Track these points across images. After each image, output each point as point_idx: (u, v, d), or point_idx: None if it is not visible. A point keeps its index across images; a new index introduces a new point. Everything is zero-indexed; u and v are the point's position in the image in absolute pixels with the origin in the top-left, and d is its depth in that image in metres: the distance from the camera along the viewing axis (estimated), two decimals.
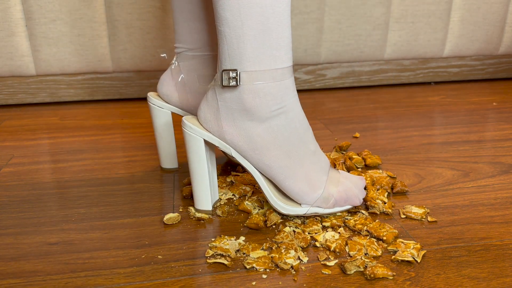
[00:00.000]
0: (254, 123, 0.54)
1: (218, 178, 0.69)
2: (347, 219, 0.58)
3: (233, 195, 0.64)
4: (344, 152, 0.80)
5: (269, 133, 0.54)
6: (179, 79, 0.68)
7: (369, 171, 0.71)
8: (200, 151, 0.57)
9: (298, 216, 0.58)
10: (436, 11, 1.20)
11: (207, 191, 0.59)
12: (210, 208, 0.60)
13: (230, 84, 0.52)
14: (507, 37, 1.27)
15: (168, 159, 0.73)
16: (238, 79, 0.52)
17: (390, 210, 0.60)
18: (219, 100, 0.54)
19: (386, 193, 0.64)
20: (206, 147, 0.57)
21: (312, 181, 0.56)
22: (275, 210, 0.58)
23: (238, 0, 0.50)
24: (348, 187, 0.58)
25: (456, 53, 1.26)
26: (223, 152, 0.74)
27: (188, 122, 0.57)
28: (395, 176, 0.71)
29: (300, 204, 0.57)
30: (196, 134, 0.56)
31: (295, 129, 0.55)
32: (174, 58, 0.69)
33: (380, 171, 0.71)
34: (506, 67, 1.32)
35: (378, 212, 0.60)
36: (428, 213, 0.60)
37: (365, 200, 0.62)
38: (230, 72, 0.52)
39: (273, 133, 0.54)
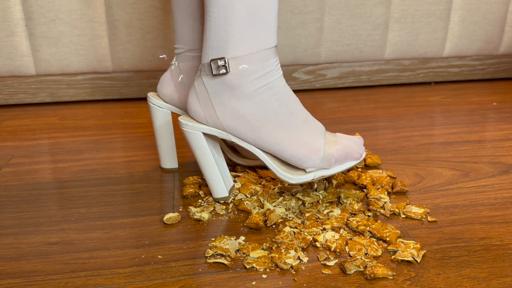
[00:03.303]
0: (243, 102, 0.56)
1: None
2: (349, 220, 0.58)
3: (245, 195, 0.64)
4: None
5: (258, 109, 0.57)
6: (179, 80, 0.68)
7: (369, 171, 0.71)
8: (202, 145, 0.59)
9: (306, 183, 0.61)
10: (436, 11, 1.20)
11: (219, 180, 0.61)
12: (227, 194, 0.62)
13: (220, 72, 0.55)
14: (507, 37, 1.27)
15: (168, 159, 0.73)
16: (228, 66, 0.55)
17: (397, 210, 0.60)
18: (208, 88, 0.57)
19: (386, 192, 0.64)
20: (207, 139, 0.60)
21: (310, 145, 0.58)
22: (283, 182, 0.62)
23: None
24: (345, 145, 0.60)
25: (456, 53, 1.26)
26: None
27: (184, 120, 0.60)
28: (395, 176, 0.71)
29: (305, 170, 0.59)
30: (194, 130, 0.59)
31: (282, 101, 0.58)
32: (174, 59, 0.69)
33: (380, 171, 0.71)
34: (506, 67, 1.32)
35: (388, 215, 0.59)
36: (428, 213, 0.60)
37: (368, 204, 0.62)
38: (218, 61, 0.55)
39: (262, 108, 0.57)
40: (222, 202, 0.63)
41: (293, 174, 0.59)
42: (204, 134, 0.59)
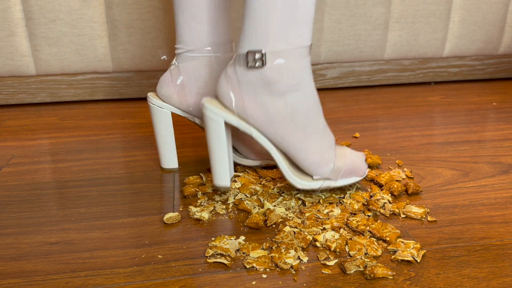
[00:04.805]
0: (274, 98, 0.57)
1: None
2: (349, 220, 0.58)
3: (245, 195, 0.64)
4: None
5: (286, 107, 0.57)
6: (178, 81, 0.68)
7: (391, 172, 0.71)
8: (220, 131, 0.59)
9: (312, 190, 0.62)
10: (436, 11, 1.20)
11: (226, 168, 0.62)
12: (229, 185, 0.63)
13: (256, 65, 0.55)
14: (507, 37, 1.27)
15: (168, 159, 0.74)
16: (264, 60, 0.54)
17: (397, 210, 0.60)
18: (240, 77, 0.56)
19: (389, 193, 0.64)
20: (226, 127, 0.60)
21: (323, 154, 0.60)
22: (290, 185, 0.63)
23: None
24: (353, 161, 0.63)
25: (456, 53, 1.26)
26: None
27: (209, 104, 0.59)
28: (412, 176, 0.71)
29: (312, 177, 0.61)
30: (217, 117, 0.59)
31: (309, 105, 0.58)
32: (174, 59, 0.69)
33: (400, 170, 0.72)
34: (506, 67, 1.32)
35: (388, 215, 0.59)
36: (428, 213, 0.60)
37: (368, 204, 0.62)
38: (256, 54, 0.54)
39: (290, 107, 0.57)
40: (220, 192, 0.64)
41: (301, 179, 0.60)
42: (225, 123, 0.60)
